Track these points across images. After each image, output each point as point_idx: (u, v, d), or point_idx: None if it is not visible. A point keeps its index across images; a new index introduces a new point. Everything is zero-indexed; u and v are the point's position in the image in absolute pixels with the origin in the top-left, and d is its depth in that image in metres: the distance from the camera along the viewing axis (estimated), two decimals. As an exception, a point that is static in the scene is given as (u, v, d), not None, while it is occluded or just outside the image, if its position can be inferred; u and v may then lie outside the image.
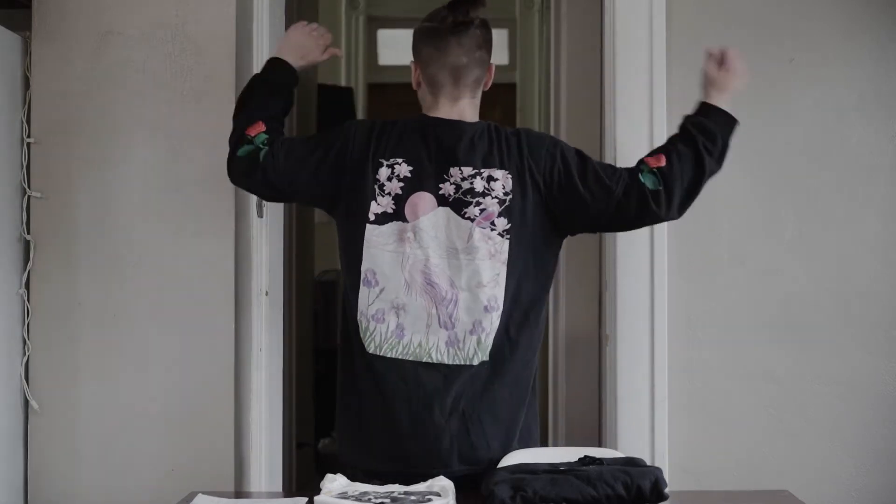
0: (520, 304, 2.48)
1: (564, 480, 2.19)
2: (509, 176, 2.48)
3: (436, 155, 2.49)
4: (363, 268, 2.47)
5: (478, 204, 2.46)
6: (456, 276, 2.45)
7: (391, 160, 2.49)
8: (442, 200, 2.46)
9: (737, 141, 2.96)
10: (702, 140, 2.56)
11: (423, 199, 2.47)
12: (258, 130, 2.57)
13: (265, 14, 3.03)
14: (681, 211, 2.56)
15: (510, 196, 2.46)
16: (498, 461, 2.40)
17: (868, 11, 2.96)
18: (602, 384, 3.15)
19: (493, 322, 2.46)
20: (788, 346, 2.95)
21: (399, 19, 7.73)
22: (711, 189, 2.95)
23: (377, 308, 2.47)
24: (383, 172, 2.48)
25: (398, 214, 2.47)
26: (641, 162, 2.55)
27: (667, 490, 2.23)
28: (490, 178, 2.47)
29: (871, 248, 2.96)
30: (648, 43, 2.95)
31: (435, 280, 2.46)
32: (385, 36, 7.75)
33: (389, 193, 2.47)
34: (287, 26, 3.26)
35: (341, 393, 2.56)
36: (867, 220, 2.96)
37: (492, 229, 2.46)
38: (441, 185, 2.47)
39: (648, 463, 2.57)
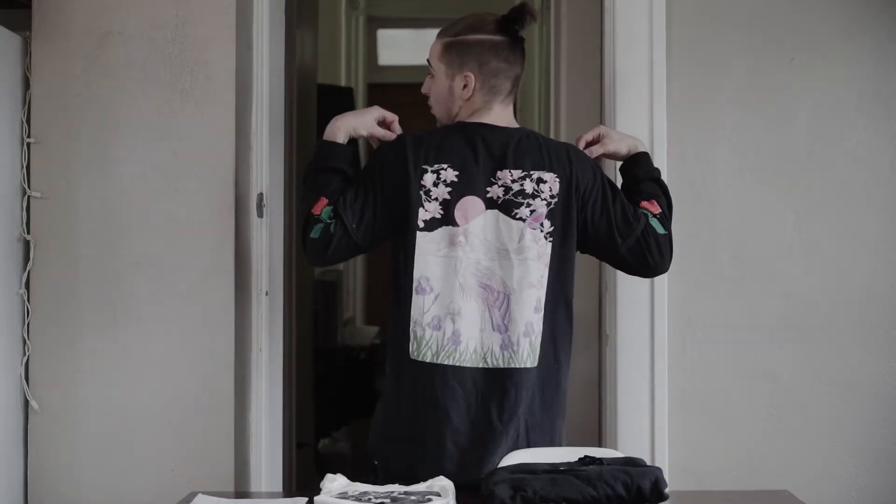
0: (560, 307, 2.52)
1: (564, 480, 2.19)
2: (557, 180, 2.51)
3: (483, 159, 2.51)
4: (416, 275, 2.48)
5: (528, 205, 2.49)
6: (508, 276, 2.48)
7: (436, 166, 2.50)
8: (490, 203, 2.49)
9: (737, 141, 2.97)
10: (662, 182, 2.68)
11: (473, 203, 2.49)
12: (322, 206, 2.52)
13: (265, 14, 3.03)
14: (672, 259, 2.62)
15: (556, 199, 2.50)
16: None
17: (868, 11, 2.96)
18: (602, 384, 3.15)
19: (540, 324, 2.49)
20: (788, 346, 2.95)
21: (399, 19, 7.74)
22: (712, 189, 2.96)
23: (433, 315, 2.47)
24: (428, 178, 2.49)
25: (447, 219, 2.48)
26: (640, 206, 2.59)
27: (667, 490, 2.23)
28: (540, 181, 2.50)
29: (870, 248, 2.96)
30: (648, 43, 2.96)
31: (487, 282, 2.48)
32: (385, 36, 7.75)
33: (437, 199, 2.48)
34: (287, 26, 3.27)
35: (391, 402, 2.55)
36: (867, 220, 2.96)
37: (540, 230, 2.50)
38: (489, 189, 2.50)
39: (648, 463, 2.57)
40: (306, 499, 2.37)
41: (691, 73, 2.97)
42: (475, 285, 2.48)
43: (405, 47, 7.83)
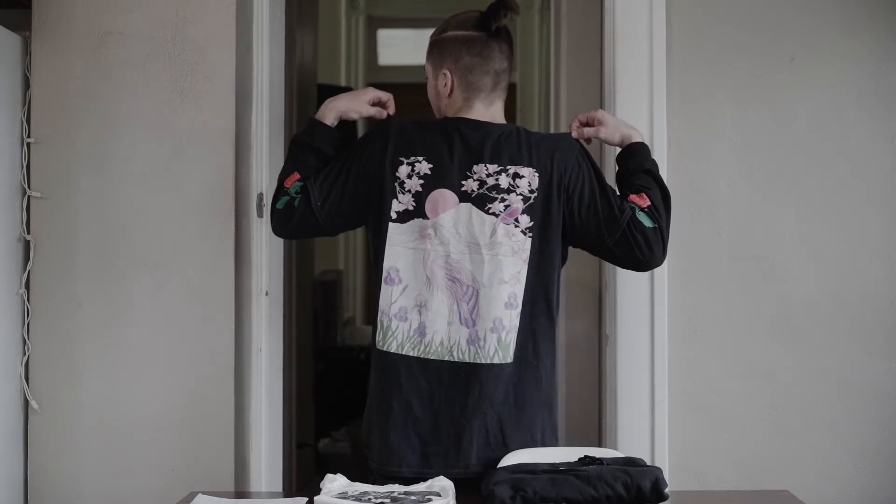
0: (539, 304, 2.50)
1: (564, 480, 2.20)
2: (536, 174, 2.50)
3: (459, 153, 2.51)
4: (385, 266, 2.49)
5: (502, 200, 2.48)
6: (478, 271, 2.47)
7: (411, 158, 2.51)
8: (464, 197, 2.49)
9: (737, 141, 2.96)
10: (656, 174, 2.62)
11: (444, 196, 2.49)
12: (293, 180, 2.58)
13: (265, 14, 3.03)
14: (665, 253, 2.56)
15: (535, 194, 2.49)
16: None
17: (868, 11, 2.96)
18: (602, 384, 3.15)
19: (512, 320, 2.47)
20: (788, 346, 2.95)
21: (399, 19, 7.74)
22: (712, 189, 2.96)
23: (400, 306, 2.48)
24: (403, 170, 2.50)
25: (419, 212, 2.49)
26: (627, 199, 2.55)
27: (667, 490, 2.23)
28: (516, 175, 2.49)
29: (870, 248, 2.96)
30: (648, 43, 2.96)
31: (456, 276, 2.48)
32: (385, 36, 7.75)
33: (409, 191, 2.49)
34: (287, 26, 3.27)
35: (370, 393, 2.60)
36: (867, 220, 2.96)
37: (515, 226, 2.48)
38: (463, 182, 2.49)
39: (648, 463, 2.57)
40: (306, 499, 2.37)
41: (691, 73, 2.97)
42: (444, 278, 2.48)
43: (405, 47, 7.83)
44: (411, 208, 2.49)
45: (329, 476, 2.28)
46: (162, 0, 2.94)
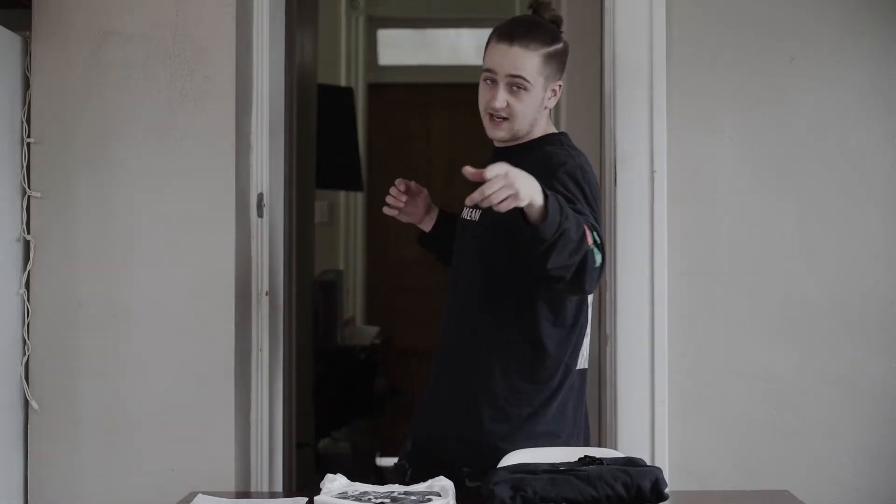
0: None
1: (564, 480, 2.20)
2: None
3: None
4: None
5: None
6: None
7: None
8: None
9: (737, 141, 2.96)
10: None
11: None
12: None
13: (265, 14, 3.03)
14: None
15: None
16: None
17: (868, 11, 2.96)
18: (602, 384, 3.15)
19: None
20: (788, 346, 2.95)
21: (399, 19, 7.74)
22: (711, 189, 2.96)
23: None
24: None
25: None
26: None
27: (667, 490, 2.23)
28: None
29: (870, 248, 2.96)
30: (648, 43, 2.96)
31: None
32: (385, 36, 7.75)
33: None
34: (287, 26, 3.27)
35: (563, 409, 2.66)
36: (867, 219, 2.96)
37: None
38: None
39: (648, 463, 2.57)
40: (306, 499, 2.37)
41: (691, 73, 2.97)
42: None
43: (405, 47, 7.82)
44: None
45: (329, 476, 2.28)
46: (162, 0, 2.94)
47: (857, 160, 2.96)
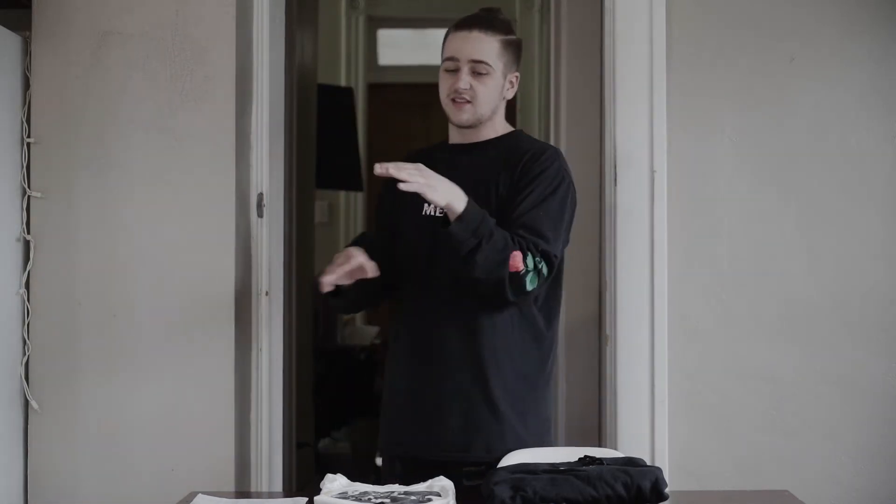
0: None
1: (564, 480, 2.19)
2: None
3: None
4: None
5: None
6: None
7: None
8: None
9: (737, 141, 2.96)
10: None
11: None
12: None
13: (265, 14, 3.03)
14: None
15: None
16: None
17: (868, 11, 2.96)
18: (602, 384, 3.15)
19: None
20: (788, 346, 2.95)
21: (399, 19, 7.73)
22: (711, 189, 2.96)
23: None
24: None
25: None
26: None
27: (667, 490, 2.23)
28: None
29: (870, 248, 2.96)
30: (648, 43, 2.95)
31: None
32: (385, 36, 7.74)
33: None
34: (287, 26, 3.27)
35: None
36: (867, 220, 2.96)
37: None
38: None
39: (648, 463, 2.57)
40: (306, 499, 2.37)
41: (691, 73, 2.97)
42: None
43: (405, 47, 7.82)
44: None
45: (329, 476, 2.28)
46: (162, 0, 2.94)
47: (857, 160, 2.96)
